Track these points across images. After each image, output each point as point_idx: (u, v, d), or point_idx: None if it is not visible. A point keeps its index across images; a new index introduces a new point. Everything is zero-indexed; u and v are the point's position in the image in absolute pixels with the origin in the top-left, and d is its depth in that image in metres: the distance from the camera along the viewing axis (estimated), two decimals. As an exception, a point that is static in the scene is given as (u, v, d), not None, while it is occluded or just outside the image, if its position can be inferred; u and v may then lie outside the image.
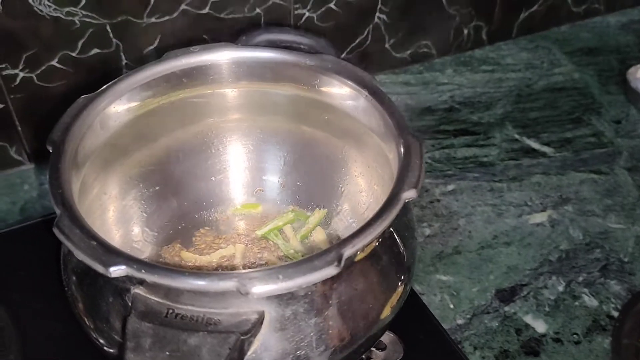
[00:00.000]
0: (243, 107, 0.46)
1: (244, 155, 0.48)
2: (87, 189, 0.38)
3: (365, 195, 0.45)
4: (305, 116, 0.45)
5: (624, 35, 0.83)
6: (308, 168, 0.47)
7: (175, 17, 0.57)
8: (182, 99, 0.43)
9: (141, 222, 0.45)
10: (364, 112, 0.41)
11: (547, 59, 0.78)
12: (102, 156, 0.40)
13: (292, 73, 0.43)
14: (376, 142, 0.40)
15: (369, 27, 0.69)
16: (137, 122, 0.41)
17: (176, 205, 0.46)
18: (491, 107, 0.70)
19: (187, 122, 0.45)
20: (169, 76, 0.42)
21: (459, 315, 0.49)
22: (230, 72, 0.43)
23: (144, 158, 0.44)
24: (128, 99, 0.41)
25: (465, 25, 0.76)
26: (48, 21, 0.52)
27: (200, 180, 0.47)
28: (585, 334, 0.48)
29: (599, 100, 0.72)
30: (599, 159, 0.64)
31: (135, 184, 0.44)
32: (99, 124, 0.39)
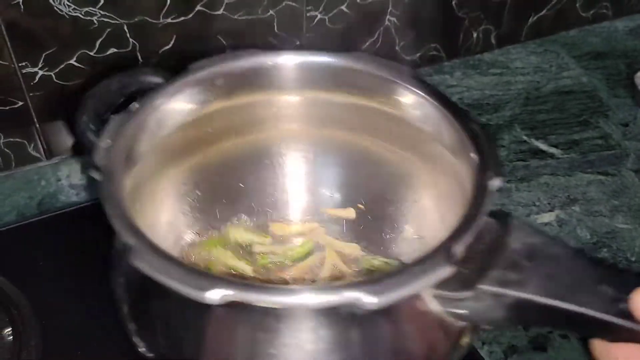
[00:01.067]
0: (305, 116, 0.43)
1: (303, 168, 0.46)
2: (139, 188, 0.37)
3: (435, 221, 0.41)
4: (371, 128, 0.42)
5: (631, 40, 0.84)
6: (371, 184, 0.45)
7: (191, 18, 0.59)
8: (243, 103, 0.41)
9: (191, 229, 0.44)
10: (438, 127, 0.37)
11: (556, 63, 0.79)
12: (155, 157, 0.38)
13: (360, 80, 0.40)
14: (446, 157, 0.37)
15: (380, 30, 0.70)
16: (194, 124, 0.40)
17: (227, 215, 0.45)
18: (500, 109, 0.71)
19: (247, 128, 0.43)
20: (233, 76, 0.40)
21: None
22: (295, 77, 0.41)
23: (199, 163, 0.42)
24: (188, 98, 0.39)
25: (474, 29, 0.77)
26: (67, 20, 0.54)
27: (255, 190, 0.46)
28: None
29: (607, 104, 0.72)
30: (607, 160, 0.65)
31: (188, 188, 0.43)
32: (155, 122, 0.37)
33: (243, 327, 0.30)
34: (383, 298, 0.25)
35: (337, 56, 0.40)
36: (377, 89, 0.40)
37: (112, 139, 0.33)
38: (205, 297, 0.25)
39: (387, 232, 0.45)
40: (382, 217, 0.45)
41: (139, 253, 0.27)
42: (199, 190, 0.43)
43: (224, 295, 0.25)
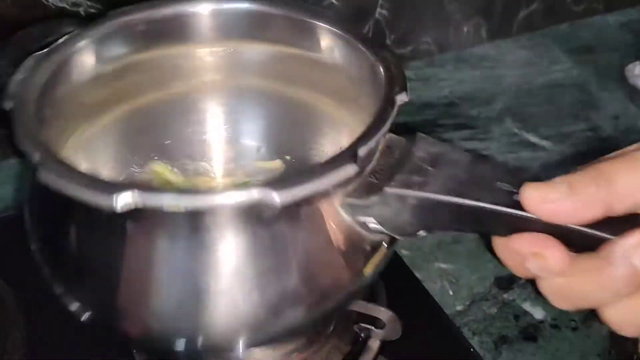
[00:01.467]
0: (225, 66, 0.43)
1: (226, 120, 0.46)
2: (55, 140, 0.35)
3: None
4: (287, 74, 0.43)
5: (622, 34, 0.84)
6: (291, 130, 0.45)
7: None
8: (163, 55, 0.41)
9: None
10: (350, 64, 0.38)
11: (547, 57, 0.79)
12: (66, 114, 0.37)
13: (276, 24, 0.40)
14: (365, 99, 0.37)
15: (370, 23, 0.70)
16: (104, 80, 0.39)
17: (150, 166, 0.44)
18: (491, 102, 0.71)
19: (161, 82, 0.42)
20: (152, 24, 0.39)
21: (458, 302, 0.50)
22: (213, 26, 0.41)
23: (114, 120, 0.41)
24: (95, 51, 0.38)
25: (465, 23, 0.77)
26: (54, 11, 0.53)
27: (177, 146, 0.45)
28: (583, 321, 0.48)
29: (598, 96, 0.72)
30: (598, 153, 0.64)
31: (107, 147, 0.42)
32: (72, 67, 0.36)
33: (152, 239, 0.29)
34: (288, 194, 0.26)
35: (254, 2, 0.40)
36: (296, 33, 0.40)
37: (28, 74, 0.33)
38: (113, 202, 0.25)
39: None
40: (302, 159, 0.45)
41: (45, 166, 0.27)
42: (119, 147, 0.43)
43: (131, 197, 0.25)
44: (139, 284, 0.30)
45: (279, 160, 0.46)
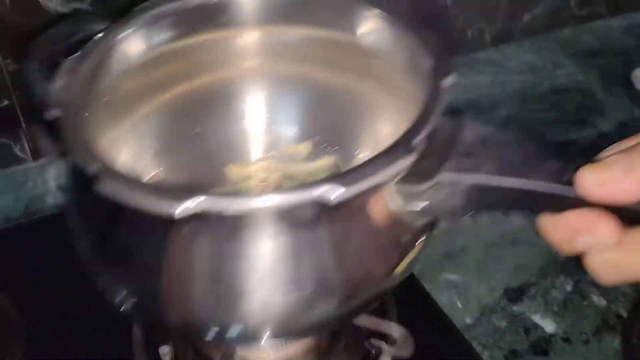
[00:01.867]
0: (263, 52, 0.43)
1: (262, 105, 0.46)
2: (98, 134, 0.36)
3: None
4: (330, 59, 0.42)
5: (627, 39, 0.83)
6: (332, 114, 0.44)
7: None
8: (199, 41, 0.41)
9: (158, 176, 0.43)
10: (393, 49, 0.38)
11: (551, 61, 0.78)
12: (107, 109, 0.37)
13: (314, 11, 0.40)
14: (409, 85, 0.37)
15: (374, 28, 0.69)
16: (153, 63, 0.39)
17: (192, 158, 0.44)
18: (496, 109, 0.70)
19: (204, 67, 0.43)
20: (184, 14, 0.39)
21: (467, 315, 0.49)
22: (250, 11, 0.41)
23: (160, 105, 0.42)
24: (146, 33, 0.38)
25: (468, 28, 0.76)
26: (55, 17, 0.52)
27: (219, 129, 0.45)
28: (594, 334, 0.48)
29: (603, 102, 0.72)
30: (604, 160, 0.64)
31: (150, 132, 0.42)
32: (114, 56, 0.36)
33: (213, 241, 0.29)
34: (351, 188, 0.26)
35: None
36: (335, 18, 0.40)
37: (67, 79, 0.33)
38: (175, 211, 0.25)
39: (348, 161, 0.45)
40: (342, 147, 0.45)
41: (105, 177, 0.27)
42: (159, 134, 0.43)
43: (198, 203, 0.25)
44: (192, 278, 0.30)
45: (308, 142, 0.46)
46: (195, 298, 0.30)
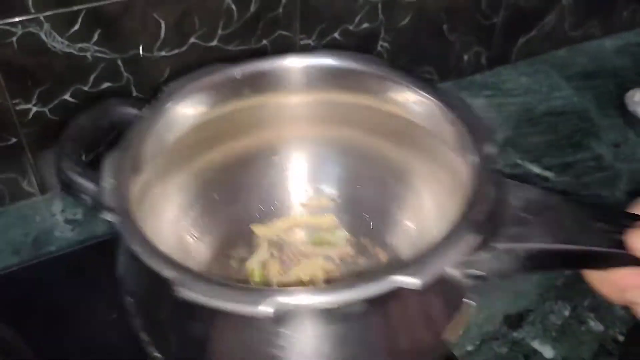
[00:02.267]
0: (305, 117, 0.45)
1: (305, 167, 0.47)
2: (144, 195, 0.37)
3: (433, 213, 0.43)
4: (370, 126, 0.44)
5: (620, 58, 0.85)
6: (370, 181, 0.46)
7: (185, 50, 0.58)
8: (245, 107, 0.42)
9: (196, 230, 0.44)
10: (434, 121, 0.39)
11: (546, 83, 0.80)
12: (163, 161, 0.39)
13: (359, 80, 0.41)
14: (447, 155, 0.38)
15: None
16: (199, 129, 0.40)
17: (234, 215, 0.46)
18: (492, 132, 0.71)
19: (251, 130, 0.44)
20: (234, 82, 0.41)
21: (468, 342, 0.50)
22: (297, 79, 0.42)
23: (206, 164, 0.43)
24: (193, 103, 0.39)
25: (465, 51, 0.77)
26: (61, 57, 0.53)
27: (258, 191, 0.47)
28: (593, 359, 0.49)
29: (598, 124, 0.73)
30: (600, 182, 0.65)
31: (195, 190, 0.43)
32: (161, 128, 0.38)
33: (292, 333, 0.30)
34: (424, 277, 0.27)
35: (338, 58, 0.41)
36: (377, 88, 0.41)
37: (114, 178, 0.34)
38: (260, 311, 0.26)
39: (385, 227, 0.46)
40: (380, 213, 0.46)
41: (184, 284, 0.28)
42: (203, 195, 0.44)
43: (280, 305, 0.26)
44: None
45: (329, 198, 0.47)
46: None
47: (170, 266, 0.29)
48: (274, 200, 0.47)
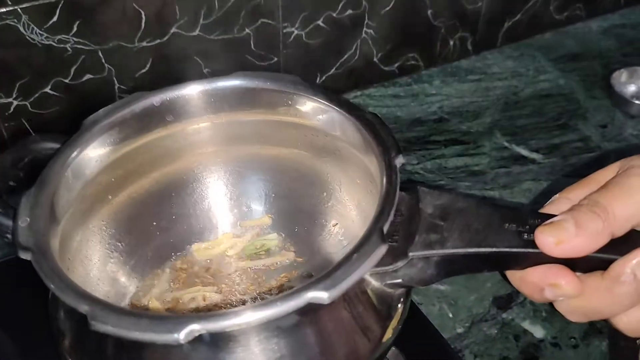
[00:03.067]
0: (218, 138, 0.45)
1: (225, 187, 0.48)
2: (67, 242, 0.37)
3: (355, 214, 0.45)
4: (292, 141, 0.44)
5: (605, 40, 0.85)
6: (292, 191, 0.47)
7: (166, 40, 0.58)
8: (154, 138, 0.42)
9: (130, 265, 0.44)
10: (343, 131, 0.40)
11: (533, 67, 0.79)
12: (79, 207, 0.39)
13: (263, 97, 0.42)
14: (361, 162, 0.39)
15: (357, 42, 0.70)
16: (110, 168, 0.40)
17: (167, 244, 0.46)
18: (480, 116, 0.71)
19: (163, 161, 0.44)
20: (138, 116, 0.40)
21: (458, 324, 0.50)
22: (200, 105, 0.42)
23: (129, 199, 0.43)
24: (99, 144, 0.39)
25: (450, 37, 0.77)
26: (40, 49, 0.53)
27: (183, 217, 0.47)
28: (583, 338, 0.49)
29: (585, 106, 0.73)
30: (587, 163, 0.65)
31: (124, 224, 0.43)
32: (71, 174, 0.37)
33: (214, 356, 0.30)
34: (335, 291, 0.28)
35: (247, 78, 0.42)
36: (277, 102, 0.42)
37: (29, 216, 0.33)
38: (178, 338, 0.27)
39: (315, 235, 0.47)
40: (309, 222, 0.47)
41: (97, 317, 0.28)
42: (124, 233, 0.44)
43: (193, 330, 0.27)
44: None
45: (267, 216, 0.48)
46: None
47: (83, 300, 0.29)
48: (206, 225, 0.48)
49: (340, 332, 0.32)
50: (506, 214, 0.32)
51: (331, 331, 0.32)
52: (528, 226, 0.31)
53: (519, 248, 0.31)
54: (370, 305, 0.33)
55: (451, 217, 0.32)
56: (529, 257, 0.31)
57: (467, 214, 0.32)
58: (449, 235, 0.32)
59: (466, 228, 0.32)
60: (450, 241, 0.31)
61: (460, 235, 0.32)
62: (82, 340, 0.33)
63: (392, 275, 0.33)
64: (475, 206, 0.33)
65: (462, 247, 0.31)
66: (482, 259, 0.32)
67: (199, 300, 0.44)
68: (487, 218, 0.32)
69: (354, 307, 0.33)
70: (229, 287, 0.45)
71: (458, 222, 0.32)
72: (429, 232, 0.32)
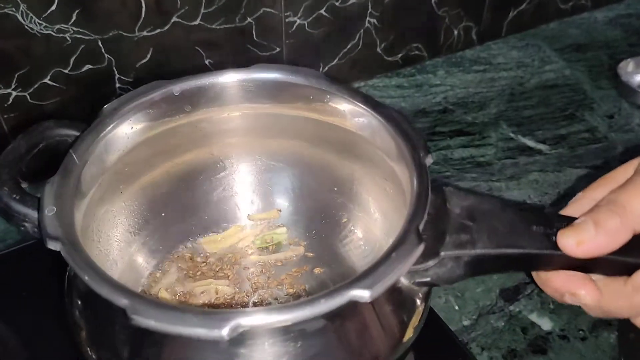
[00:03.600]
0: (249, 130, 0.44)
1: (251, 179, 0.47)
2: (88, 220, 0.37)
3: (379, 221, 0.44)
4: (311, 136, 0.44)
5: (611, 30, 0.84)
6: (316, 191, 0.46)
7: (167, 30, 0.57)
8: (187, 122, 0.42)
9: (145, 250, 0.43)
10: (374, 132, 0.39)
11: (538, 57, 0.78)
12: (106, 182, 0.38)
13: (299, 93, 0.41)
14: (388, 165, 0.39)
15: (360, 32, 0.69)
16: (142, 147, 0.40)
17: (182, 232, 0.45)
18: (485, 107, 0.70)
19: (193, 146, 0.44)
20: (174, 98, 0.40)
21: (464, 317, 0.49)
22: (236, 94, 0.42)
23: (147, 184, 0.43)
24: (133, 121, 0.39)
25: (454, 27, 0.76)
26: (39, 39, 0.52)
27: (206, 205, 0.46)
28: (591, 330, 0.48)
29: (591, 96, 0.72)
30: (594, 154, 0.64)
31: (141, 210, 0.43)
32: (102, 150, 0.37)
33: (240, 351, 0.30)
34: (376, 290, 0.28)
35: (276, 71, 0.41)
36: (317, 100, 0.41)
37: (55, 204, 0.32)
38: (222, 334, 0.26)
39: (333, 236, 0.46)
40: (328, 222, 0.47)
41: (139, 312, 0.27)
42: (150, 212, 0.44)
43: (238, 327, 0.26)
44: None
45: (276, 210, 0.48)
46: None
47: (122, 294, 0.28)
48: (223, 215, 0.47)
49: (371, 330, 0.32)
50: (532, 216, 0.33)
51: (363, 329, 0.32)
52: (555, 228, 0.32)
53: (548, 250, 0.32)
54: (400, 304, 0.33)
55: (479, 218, 0.33)
56: (556, 259, 0.32)
57: (493, 215, 0.33)
58: (479, 236, 0.32)
59: (494, 229, 0.33)
60: (480, 242, 0.32)
61: (489, 237, 0.32)
62: (106, 333, 0.32)
63: (421, 274, 0.33)
64: (500, 208, 0.34)
65: (492, 248, 0.32)
66: (511, 260, 0.33)
67: (212, 294, 0.43)
68: (513, 220, 0.33)
69: (385, 306, 0.33)
70: (239, 280, 0.45)
71: (486, 223, 0.33)
72: (460, 233, 0.33)
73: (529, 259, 0.32)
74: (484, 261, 0.32)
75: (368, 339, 0.32)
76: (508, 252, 0.32)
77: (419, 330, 0.35)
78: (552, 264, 0.33)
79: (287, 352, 0.30)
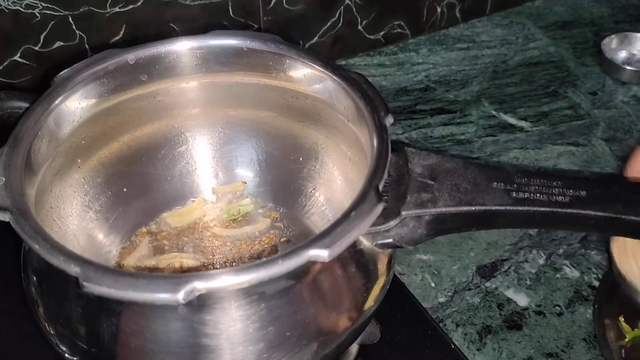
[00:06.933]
0: (209, 100, 0.43)
1: (214, 151, 0.46)
2: (44, 194, 0.36)
3: (344, 188, 0.43)
4: (273, 105, 0.43)
5: (597, 7, 0.83)
6: (281, 161, 0.46)
7: (140, 5, 0.56)
8: (145, 93, 0.41)
9: (107, 226, 0.43)
10: (333, 96, 0.39)
11: (522, 34, 0.77)
12: (59, 159, 0.37)
13: (258, 59, 0.40)
14: (351, 129, 0.38)
15: (340, 9, 0.68)
16: (94, 120, 0.39)
17: (146, 207, 0.45)
18: (467, 85, 0.69)
19: (153, 118, 0.43)
20: (129, 67, 0.39)
21: (440, 294, 0.49)
22: (193, 62, 0.41)
23: (106, 158, 0.42)
24: (86, 92, 0.38)
25: (438, 4, 0.75)
26: (7, 15, 0.51)
27: (169, 179, 0.46)
28: (568, 305, 0.47)
29: (575, 73, 0.71)
30: (576, 131, 0.64)
31: (101, 185, 0.42)
32: (45, 130, 0.36)
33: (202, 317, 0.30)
34: (334, 249, 0.27)
35: (234, 37, 0.40)
36: (276, 66, 0.40)
37: (4, 175, 0.32)
38: (178, 298, 0.25)
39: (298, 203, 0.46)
40: (293, 189, 0.46)
41: (90, 278, 0.26)
42: (108, 188, 0.43)
43: (195, 290, 0.26)
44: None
45: (241, 182, 0.47)
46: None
47: (73, 261, 0.27)
48: (187, 188, 0.46)
49: (334, 293, 0.32)
50: (492, 173, 0.33)
51: (326, 291, 0.31)
52: (516, 185, 0.32)
53: (509, 206, 0.31)
54: (362, 267, 0.33)
55: (440, 177, 0.33)
56: (518, 215, 0.32)
57: (455, 174, 0.33)
58: (440, 194, 0.32)
59: (456, 187, 0.32)
60: (441, 200, 0.32)
61: (450, 195, 0.32)
62: (62, 307, 0.32)
63: (383, 235, 0.32)
64: (462, 166, 0.33)
65: (454, 206, 0.32)
66: (473, 217, 0.32)
67: (176, 267, 0.43)
68: (475, 178, 0.33)
69: (348, 267, 0.32)
70: (206, 253, 0.44)
71: (447, 181, 0.33)
72: (420, 192, 0.32)
73: (490, 216, 0.32)
74: (445, 220, 0.32)
75: (331, 302, 0.31)
76: (470, 210, 0.32)
77: (382, 298, 0.34)
78: (514, 220, 0.32)
79: (250, 315, 0.29)
